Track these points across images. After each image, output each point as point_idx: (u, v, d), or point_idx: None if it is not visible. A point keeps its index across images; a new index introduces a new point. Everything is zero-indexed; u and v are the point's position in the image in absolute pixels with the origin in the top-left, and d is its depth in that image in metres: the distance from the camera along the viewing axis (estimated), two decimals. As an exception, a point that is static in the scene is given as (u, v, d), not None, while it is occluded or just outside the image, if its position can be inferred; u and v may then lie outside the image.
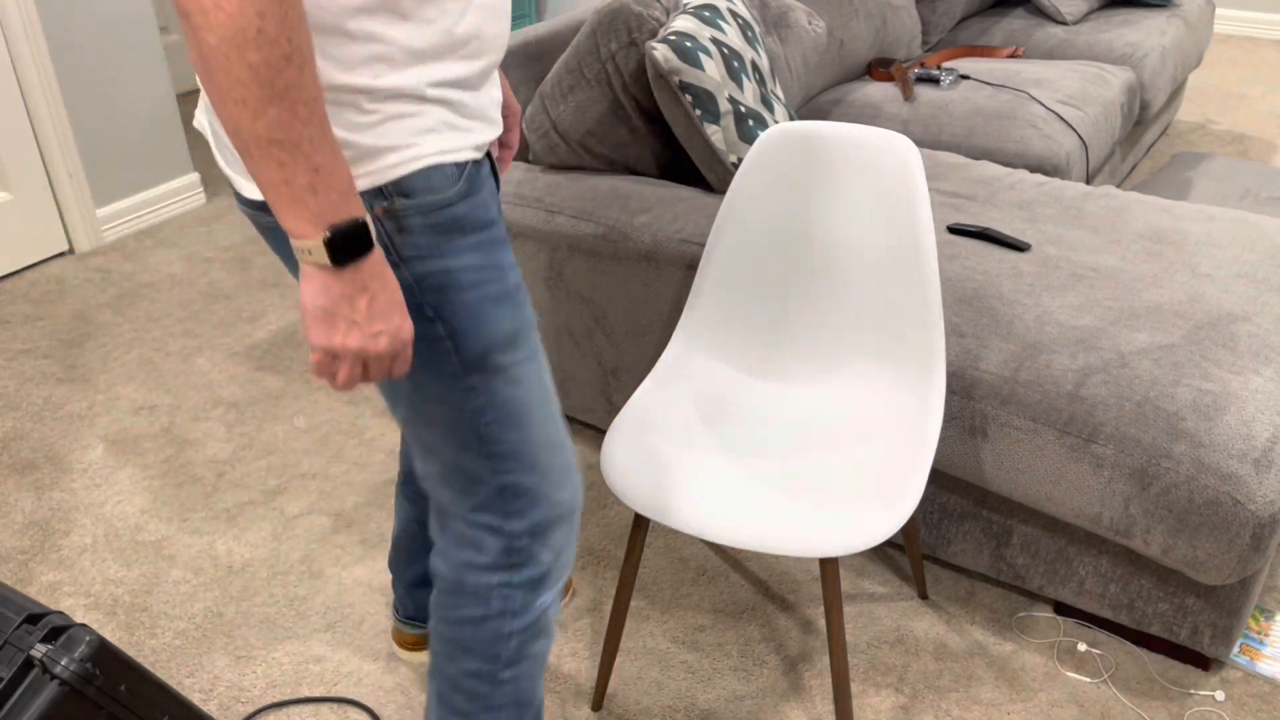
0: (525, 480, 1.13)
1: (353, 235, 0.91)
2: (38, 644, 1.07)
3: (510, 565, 1.15)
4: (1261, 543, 1.45)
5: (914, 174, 1.48)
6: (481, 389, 1.07)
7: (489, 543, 1.15)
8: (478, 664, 1.18)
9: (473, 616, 1.16)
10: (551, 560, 1.17)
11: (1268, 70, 4.40)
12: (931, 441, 1.45)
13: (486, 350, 1.06)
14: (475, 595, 1.16)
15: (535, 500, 1.14)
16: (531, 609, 1.18)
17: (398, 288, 0.97)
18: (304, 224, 0.89)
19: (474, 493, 1.13)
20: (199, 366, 2.51)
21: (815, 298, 1.62)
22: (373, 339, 0.95)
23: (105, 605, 1.84)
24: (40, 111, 2.85)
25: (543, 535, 1.16)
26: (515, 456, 1.11)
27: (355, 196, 0.91)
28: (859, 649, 1.74)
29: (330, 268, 0.91)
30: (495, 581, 1.15)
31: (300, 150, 0.86)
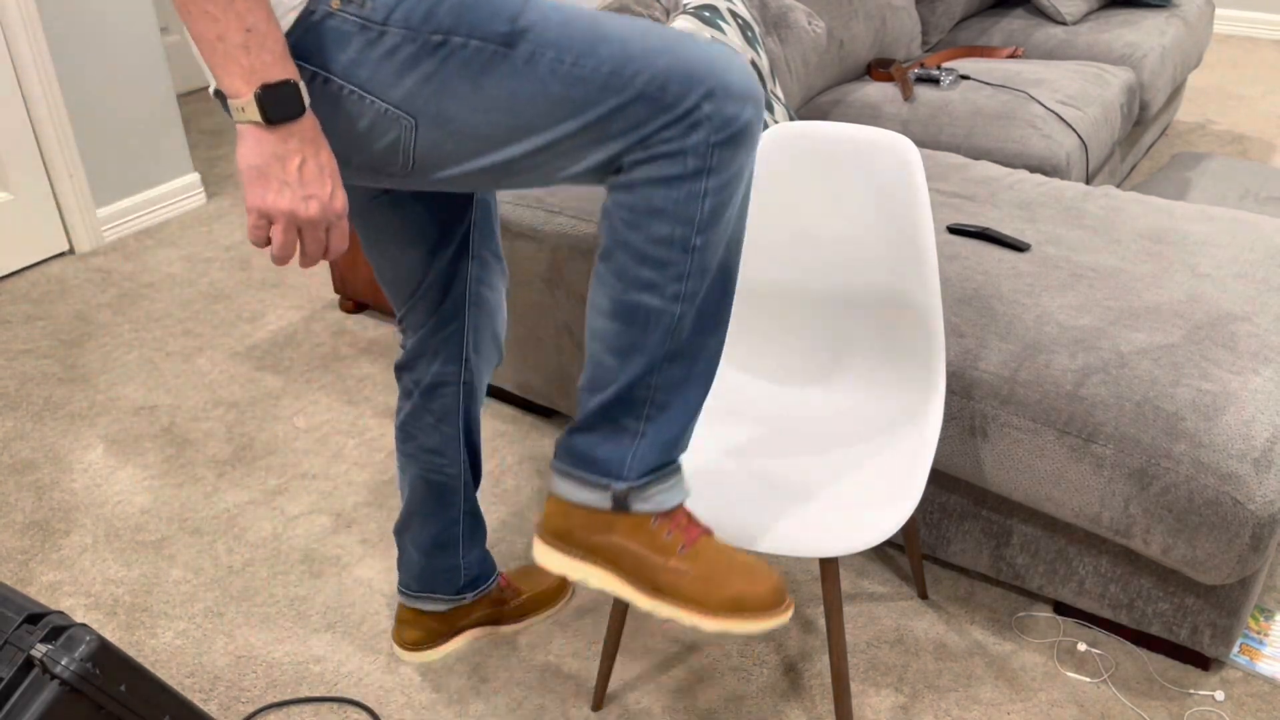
0: (658, 68, 1.05)
1: (284, 94, 0.97)
2: (38, 644, 1.07)
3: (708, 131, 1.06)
4: (1261, 542, 1.45)
5: (914, 174, 1.49)
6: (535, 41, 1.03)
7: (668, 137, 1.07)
8: (669, 228, 1.09)
9: (666, 176, 1.08)
10: (747, 109, 1.07)
11: (1267, 70, 4.40)
12: (931, 441, 1.45)
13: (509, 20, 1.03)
14: (669, 158, 1.08)
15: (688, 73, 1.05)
16: (729, 167, 1.09)
17: (332, 158, 1.03)
18: (237, 81, 0.96)
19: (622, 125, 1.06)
20: (199, 366, 2.51)
21: (815, 298, 1.62)
22: (303, 202, 1.01)
23: (105, 605, 1.85)
24: (40, 111, 2.85)
25: (724, 91, 1.06)
26: (627, 60, 1.04)
27: (289, 61, 0.98)
28: (859, 649, 1.74)
29: (263, 125, 0.98)
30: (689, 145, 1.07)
31: (233, 7, 0.94)
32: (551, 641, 1.76)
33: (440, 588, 1.66)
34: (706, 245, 1.11)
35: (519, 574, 1.81)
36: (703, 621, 1.18)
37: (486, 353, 1.52)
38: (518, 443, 2.23)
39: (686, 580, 1.18)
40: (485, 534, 1.67)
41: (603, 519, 1.21)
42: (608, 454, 1.19)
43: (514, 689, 1.68)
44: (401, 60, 1.03)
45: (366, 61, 1.03)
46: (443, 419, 1.52)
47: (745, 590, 1.18)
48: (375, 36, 1.02)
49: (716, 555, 1.20)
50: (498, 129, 1.06)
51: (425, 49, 1.02)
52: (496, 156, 1.08)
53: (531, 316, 2.10)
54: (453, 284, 1.43)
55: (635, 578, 1.21)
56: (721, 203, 1.10)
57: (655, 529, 1.20)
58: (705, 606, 1.18)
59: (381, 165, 1.09)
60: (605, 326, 1.15)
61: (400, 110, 1.05)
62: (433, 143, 1.07)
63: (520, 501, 2.07)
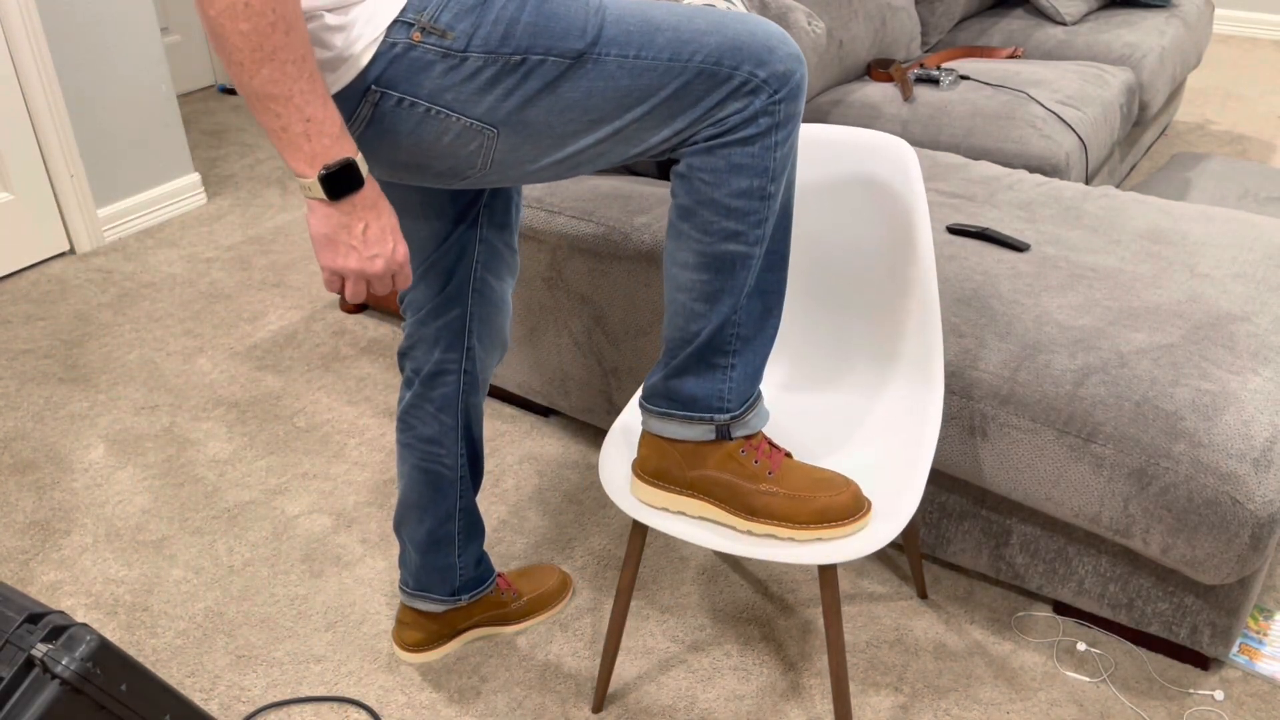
0: (709, 47, 1.16)
1: (344, 173, 1.07)
2: (39, 643, 1.07)
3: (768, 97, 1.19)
4: (1260, 542, 1.45)
5: (911, 176, 1.49)
6: (604, 45, 1.14)
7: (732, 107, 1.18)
8: (748, 181, 1.22)
9: (743, 136, 1.20)
10: (796, 65, 1.19)
11: (1267, 70, 4.40)
12: (930, 444, 1.45)
13: (580, 23, 1.13)
14: (745, 123, 1.19)
15: (736, 47, 1.17)
16: (792, 120, 1.22)
17: (392, 215, 1.14)
18: (302, 165, 1.06)
19: (687, 103, 1.17)
20: (200, 366, 2.51)
21: (814, 299, 1.62)
22: (369, 261, 1.13)
23: (106, 605, 1.85)
24: (41, 112, 2.85)
25: (769, 59, 1.18)
26: (682, 44, 1.16)
27: (347, 139, 1.07)
28: (858, 649, 1.74)
29: (327, 201, 1.08)
30: (756, 109, 1.19)
31: (292, 103, 1.03)
32: (551, 641, 1.76)
33: (436, 587, 1.66)
34: (779, 190, 1.24)
35: (519, 575, 1.82)
36: (796, 533, 1.32)
37: (489, 344, 1.53)
38: (518, 443, 2.23)
39: (778, 500, 1.33)
40: (483, 536, 1.67)
41: (696, 453, 1.35)
42: (706, 391, 1.32)
43: (514, 689, 1.68)
44: (484, 81, 1.12)
45: (450, 85, 1.11)
46: (442, 409, 1.52)
47: (829, 502, 1.32)
48: (457, 63, 1.10)
49: (799, 474, 1.34)
50: (572, 125, 1.16)
51: (505, 69, 1.11)
52: (569, 149, 1.19)
53: (531, 316, 2.10)
54: (458, 266, 1.45)
55: (731, 503, 1.35)
56: (788, 151, 1.23)
57: (744, 458, 1.34)
58: (796, 521, 1.32)
59: (461, 169, 1.19)
60: (693, 278, 1.27)
61: (483, 123, 1.14)
62: (512, 146, 1.16)
63: (520, 501, 2.07)
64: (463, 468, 1.58)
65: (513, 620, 1.76)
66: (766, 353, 1.33)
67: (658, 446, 1.37)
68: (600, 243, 1.92)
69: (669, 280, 1.30)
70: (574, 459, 2.18)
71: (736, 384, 1.32)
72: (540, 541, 1.97)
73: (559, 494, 2.09)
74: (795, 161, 1.28)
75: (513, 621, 1.76)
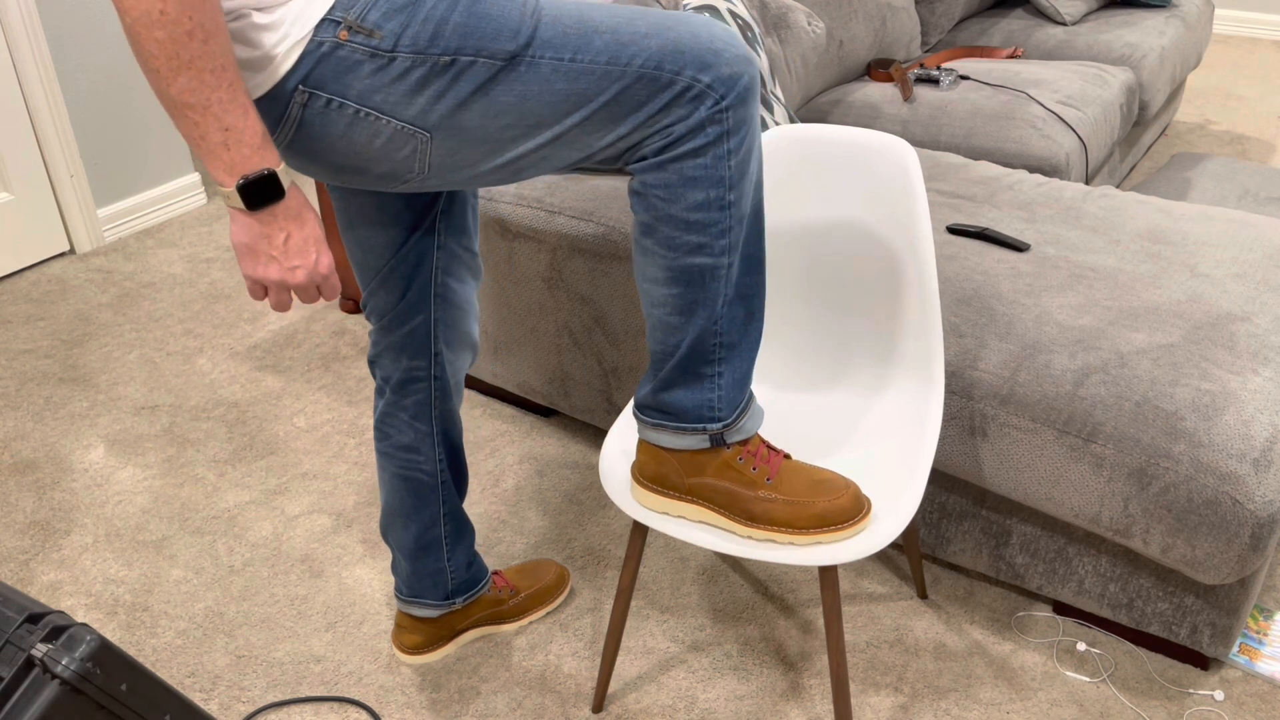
0: (649, 50, 1.13)
1: (263, 184, 1.06)
2: (39, 643, 1.07)
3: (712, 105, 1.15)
4: (1260, 542, 1.45)
5: (912, 176, 1.49)
6: (537, 49, 1.11)
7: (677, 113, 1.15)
8: (703, 193, 1.19)
9: (692, 148, 1.16)
10: (743, 67, 1.16)
11: (1267, 71, 4.40)
12: (931, 444, 1.45)
13: (513, 25, 1.10)
14: (690, 133, 1.16)
15: (678, 51, 1.13)
16: (744, 126, 1.18)
17: (317, 225, 1.12)
18: (221, 174, 1.05)
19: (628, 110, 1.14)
20: (200, 366, 2.51)
21: (814, 299, 1.62)
22: (290, 272, 1.11)
23: (106, 605, 1.85)
24: (41, 111, 2.85)
25: (714, 62, 1.14)
26: (621, 47, 1.12)
27: (269, 150, 1.06)
28: (858, 649, 1.74)
29: (247, 211, 1.07)
30: (702, 118, 1.15)
31: (210, 111, 1.02)
32: (551, 641, 1.76)
33: (428, 593, 1.66)
34: (740, 197, 1.21)
35: (516, 572, 1.82)
36: (796, 539, 1.31)
37: (457, 348, 1.52)
38: (518, 443, 2.23)
39: (776, 506, 1.31)
40: (472, 538, 1.67)
41: (694, 461, 1.34)
42: (696, 402, 1.30)
43: (514, 689, 1.68)
44: (413, 82, 1.09)
45: (379, 86, 1.09)
46: (416, 416, 1.52)
47: (829, 507, 1.31)
48: (385, 63, 1.08)
49: (798, 478, 1.33)
50: (508, 130, 1.13)
51: (435, 70, 1.09)
52: (508, 154, 1.15)
53: (531, 316, 2.10)
54: (417, 272, 1.43)
55: (730, 509, 1.34)
56: (744, 156, 1.19)
57: (742, 465, 1.33)
58: (796, 526, 1.31)
59: (398, 174, 1.16)
60: (664, 293, 1.25)
61: (415, 126, 1.11)
62: (448, 150, 1.13)
63: (520, 501, 2.07)
64: (443, 473, 1.58)
65: (511, 618, 1.76)
66: (753, 356, 1.31)
67: (655, 454, 1.35)
68: (600, 243, 1.92)
69: (642, 295, 1.28)
70: (574, 459, 2.18)
71: (725, 392, 1.29)
72: (540, 541, 1.97)
73: (559, 494, 2.09)
74: (757, 164, 1.24)
75: (511, 619, 1.76)
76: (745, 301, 1.27)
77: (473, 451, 2.21)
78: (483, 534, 1.99)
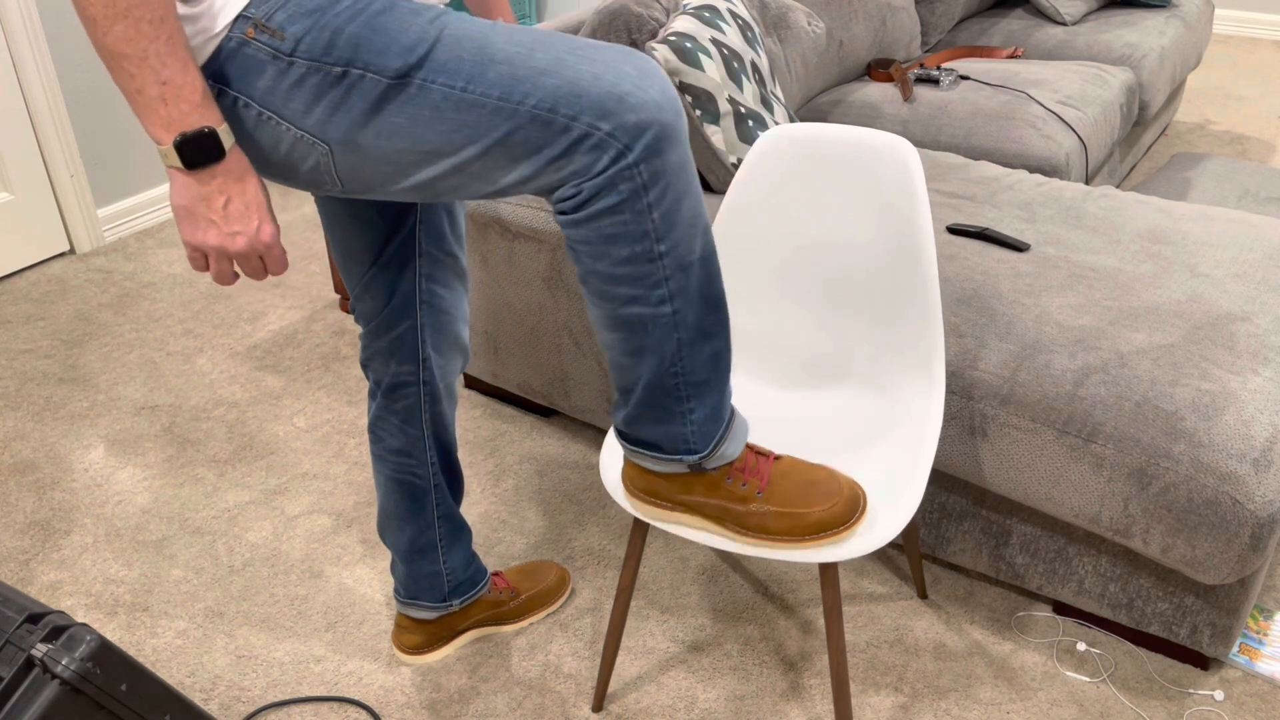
0: (544, 90, 1.05)
1: (202, 141, 1.02)
2: (39, 643, 1.07)
3: (615, 157, 1.07)
4: (1260, 542, 1.45)
5: (913, 176, 1.49)
6: (429, 72, 1.05)
7: (578, 164, 1.08)
8: (629, 248, 1.12)
9: (605, 213, 1.10)
10: (653, 114, 1.07)
11: (1267, 71, 4.40)
12: (931, 443, 1.45)
13: (405, 44, 1.04)
14: (599, 207, 1.09)
15: (575, 94, 1.05)
16: (662, 176, 1.09)
17: (259, 191, 1.07)
18: (158, 129, 1.01)
19: (523, 149, 1.07)
20: (200, 366, 2.51)
21: (815, 298, 1.62)
22: (230, 238, 1.07)
23: (106, 605, 1.85)
24: (41, 112, 2.85)
25: (618, 109, 1.06)
26: (515, 83, 1.05)
27: (210, 107, 1.02)
28: (858, 649, 1.74)
29: (185, 170, 1.03)
30: (612, 177, 1.08)
31: (147, 63, 0.98)
32: (551, 641, 1.76)
33: (424, 595, 1.66)
34: (674, 246, 1.13)
35: (517, 573, 1.82)
36: (796, 549, 1.29)
37: (447, 353, 1.51)
38: (518, 443, 2.23)
39: (771, 518, 1.28)
40: (469, 540, 1.67)
41: (681, 481, 1.30)
42: (668, 436, 1.26)
43: (514, 689, 1.68)
44: (309, 90, 1.06)
45: (279, 90, 1.06)
46: (407, 420, 1.51)
47: (825, 515, 1.28)
48: (285, 66, 1.05)
49: (790, 483, 1.29)
50: (405, 155, 1.08)
51: (328, 80, 1.05)
52: (413, 179, 1.09)
53: (531, 316, 2.10)
54: (400, 279, 1.42)
55: (724, 523, 1.31)
56: (671, 206, 1.11)
57: (730, 485, 1.29)
58: (793, 536, 1.28)
59: (319, 183, 1.12)
60: (610, 337, 1.21)
61: (314, 137, 1.08)
62: (351, 167, 1.09)
63: (520, 501, 2.07)
64: (436, 476, 1.57)
65: (510, 619, 1.76)
66: (724, 388, 1.25)
67: (642, 471, 1.32)
68: (600, 243, 1.91)
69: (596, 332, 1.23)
70: (574, 459, 2.18)
71: (698, 426, 1.24)
72: (540, 541, 1.97)
73: (559, 494, 2.09)
74: (692, 209, 1.15)
75: (511, 620, 1.76)
76: (709, 339, 1.21)
77: (473, 451, 2.21)
78: (483, 534, 1.99)
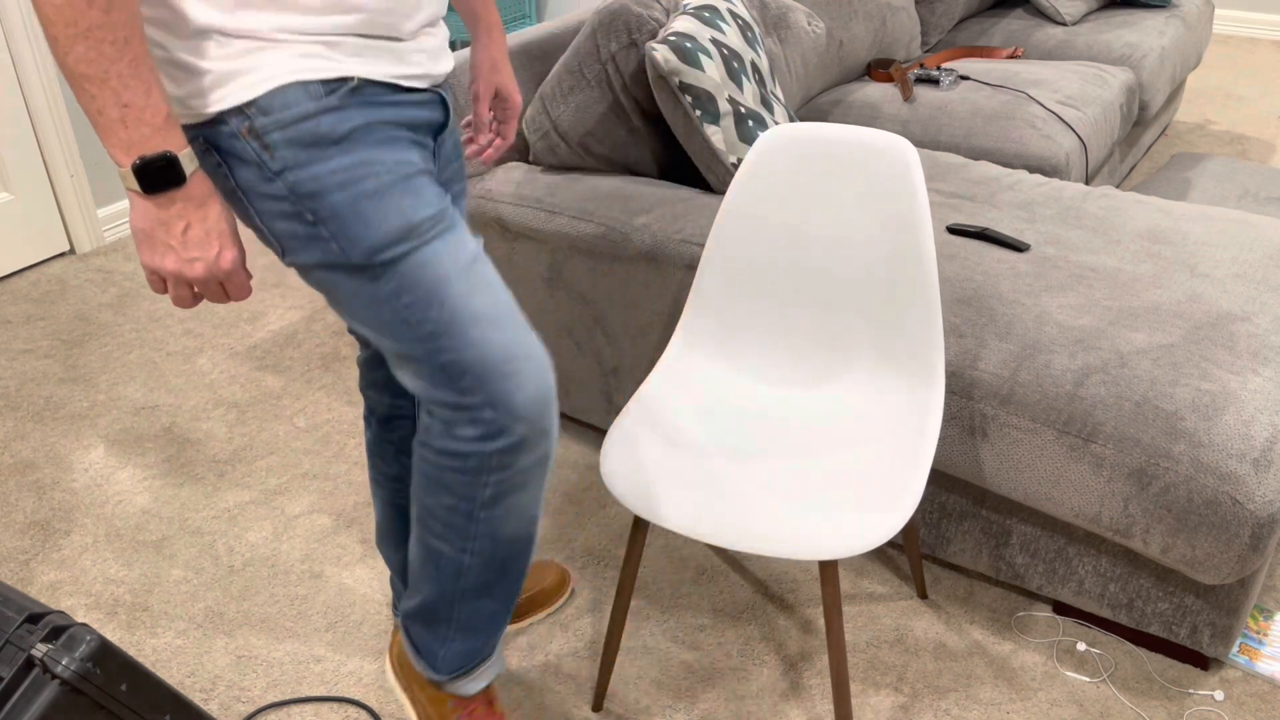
0: (464, 356, 1.14)
1: (162, 167, 1.00)
2: (39, 643, 1.07)
3: (480, 436, 1.17)
4: (1260, 542, 1.45)
5: (913, 175, 1.49)
6: (387, 274, 1.11)
7: (453, 417, 1.18)
8: (454, 500, 1.22)
9: (450, 466, 1.20)
10: (526, 430, 1.17)
11: (1267, 71, 4.40)
12: (931, 443, 1.45)
13: (376, 244, 1.10)
14: (450, 454, 1.20)
15: (483, 375, 1.15)
16: (511, 468, 1.19)
17: (222, 217, 1.05)
18: (117, 152, 1.00)
19: (423, 374, 1.16)
20: (200, 366, 2.51)
21: (815, 298, 1.62)
22: (188, 264, 1.05)
23: (106, 605, 1.85)
24: (41, 112, 2.85)
25: (507, 407, 1.16)
26: (445, 334, 1.13)
27: (172, 132, 1.00)
28: (858, 649, 1.74)
29: (143, 195, 1.02)
30: (468, 449, 1.18)
31: (108, 85, 0.96)
32: (551, 641, 1.76)
33: None
34: (491, 519, 1.23)
35: None
36: None
37: None
38: (518, 443, 2.23)
39: None
40: None
41: (419, 677, 1.49)
42: (425, 644, 1.39)
43: (514, 689, 1.68)
44: (280, 211, 1.09)
45: (257, 189, 1.09)
46: (402, 450, 1.52)
47: None
48: (268, 178, 1.08)
49: None
50: (337, 304, 1.16)
51: (299, 218, 1.09)
52: (339, 313, 1.18)
53: (531, 316, 2.10)
54: None
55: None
56: (505, 492, 1.21)
57: (450, 709, 1.46)
58: None
59: (267, 244, 1.17)
60: (412, 545, 1.32)
61: (274, 239, 1.12)
62: (296, 271, 1.16)
63: (520, 501, 2.07)
64: None
65: (512, 620, 1.76)
66: (492, 639, 1.38)
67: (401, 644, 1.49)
68: (600, 243, 1.92)
69: None
70: (574, 459, 2.18)
71: (451, 655, 1.38)
72: (540, 541, 1.97)
73: (559, 494, 2.09)
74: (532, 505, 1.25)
75: (512, 621, 1.76)
76: (488, 598, 1.32)
77: (473, 451, 2.21)
78: (483, 534, 1.99)
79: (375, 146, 1.10)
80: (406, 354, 1.15)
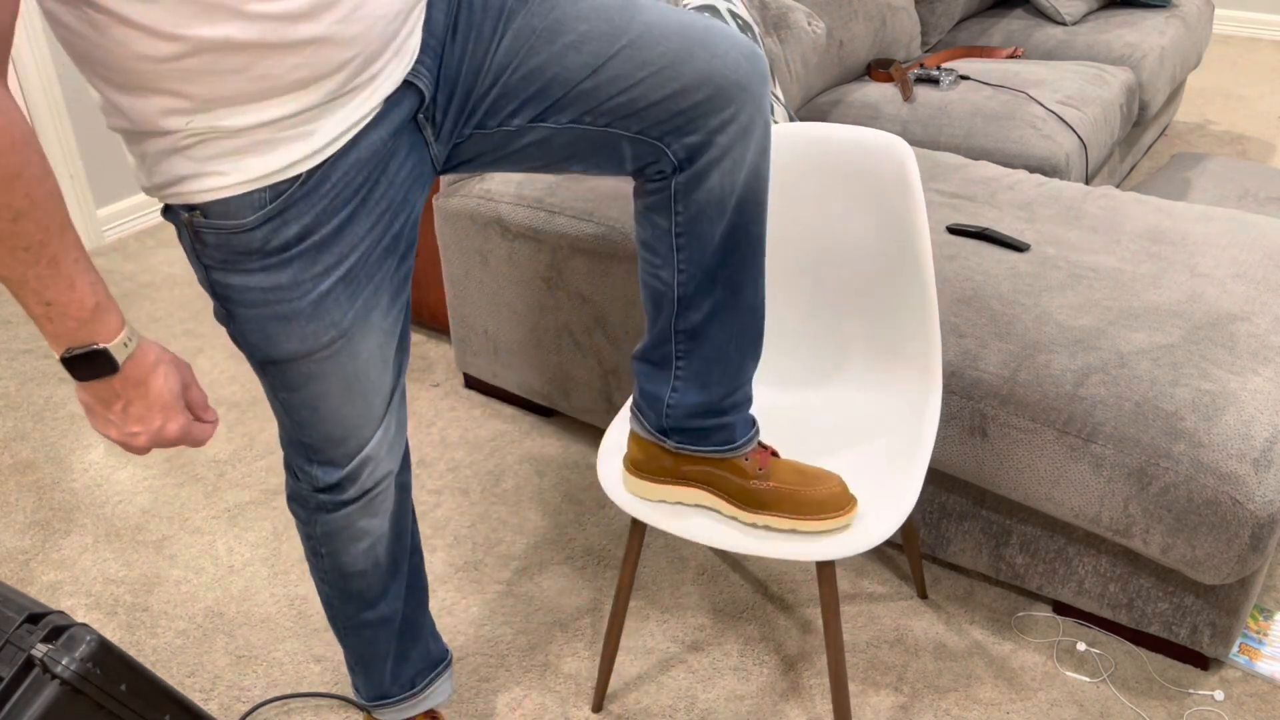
0: (316, 443, 1.25)
1: (89, 360, 0.99)
2: (39, 644, 1.07)
3: (316, 489, 1.29)
4: (1260, 542, 1.45)
5: (909, 175, 1.49)
6: (273, 372, 1.19)
7: (297, 471, 1.30)
8: (302, 539, 1.38)
9: (298, 511, 1.35)
10: (355, 493, 1.30)
11: (1267, 71, 4.40)
12: (928, 443, 1.45)
13: (270, 356, 1.16)
14: (293, 497, 1.34)
15: (327, 461, 1.27)
16: (332, 520, 1.32)
17: (162, 393, 1.05)
18: (50, 342, 0.99)
19: (284, 433, 1.28)
20: (200, 366, 2.51)
21: (813, 298, 1.62)
22: (131, 437, 1.06)
23: (106, 605, 1.85)
24: (41, 112, 2.85)
25: (337, 485, 1.28)
26: (307, 427, 1.23)
27: (100, 322, 0.98)
28: (858, 648, 1.74)
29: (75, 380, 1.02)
30: (304, 492, 1.30)
31: (28, 286, 0.94)
32: (551, 641, 1.76)
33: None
34: (329, 553, 1.36)
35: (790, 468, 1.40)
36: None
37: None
38: (518, 443, 2.23)
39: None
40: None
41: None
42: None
43: (514, 689, 1.68)
44: (210, 287, 1.14)
45: (195, 261, 1.13)
46: None
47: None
48: (200, 262, 1.12)
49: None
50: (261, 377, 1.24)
51: (221, 306, 1.15)
52: None
53: (531, 316, 2.10)
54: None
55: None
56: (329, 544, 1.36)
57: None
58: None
59: None
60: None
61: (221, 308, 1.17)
62: None
63: (520, 501, 2.07)
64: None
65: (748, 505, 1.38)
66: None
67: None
68: (600, 243, 1.92)
69: None
70: (574, 459, 2.18)
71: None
72: (540, 541, 1.97)
73: (559, 494, 2.09)
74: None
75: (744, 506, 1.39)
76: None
77: (472, 451, 2.21)
78: (482, 534, 1.99)
79: (308, 257, 1.10)
80: (277, 412, 1.26)
